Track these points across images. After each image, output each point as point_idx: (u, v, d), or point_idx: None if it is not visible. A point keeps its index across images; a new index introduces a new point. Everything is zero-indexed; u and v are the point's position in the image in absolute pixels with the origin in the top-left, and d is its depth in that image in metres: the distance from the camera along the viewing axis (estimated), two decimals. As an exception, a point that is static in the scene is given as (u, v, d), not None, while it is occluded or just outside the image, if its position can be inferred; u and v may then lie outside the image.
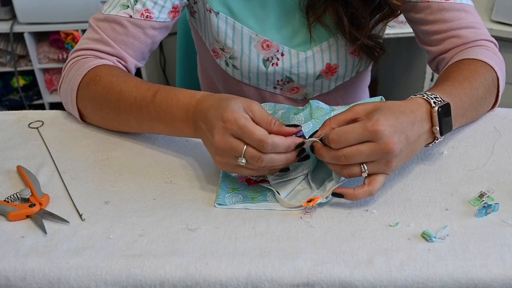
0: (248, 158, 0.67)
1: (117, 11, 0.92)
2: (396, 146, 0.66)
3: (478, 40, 0.94)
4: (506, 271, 0.59)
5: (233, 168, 0.71)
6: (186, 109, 0.76)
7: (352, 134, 0.66)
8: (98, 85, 0.86)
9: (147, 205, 0.71)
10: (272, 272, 0.59)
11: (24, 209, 0.69)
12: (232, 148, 0.67)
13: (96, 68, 0.88)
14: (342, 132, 0.67)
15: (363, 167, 0.68)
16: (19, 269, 0.61)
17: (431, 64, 1.02)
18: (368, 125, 0.66)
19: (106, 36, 0.92)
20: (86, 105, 0.89)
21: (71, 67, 0.92)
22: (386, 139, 0.66)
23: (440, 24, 0.95)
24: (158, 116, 0.79)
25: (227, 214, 0.69)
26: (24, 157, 0.83)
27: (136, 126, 0.85)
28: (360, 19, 0.93)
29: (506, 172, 0.75)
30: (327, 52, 1.01)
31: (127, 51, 0.93)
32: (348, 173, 0.69)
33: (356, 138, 0.66)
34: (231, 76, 1.07)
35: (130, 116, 0.83)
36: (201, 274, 0.60)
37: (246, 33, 0.99)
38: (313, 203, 0.68)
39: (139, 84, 0.83)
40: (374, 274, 0.59)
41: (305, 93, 1.09)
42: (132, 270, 0.60)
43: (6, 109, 2.44)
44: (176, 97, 0.77)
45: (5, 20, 2.23)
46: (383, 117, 0.67)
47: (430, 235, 0.63)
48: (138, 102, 0.81)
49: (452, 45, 0.95)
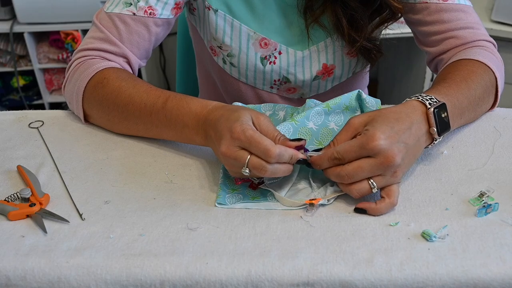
0: (252, 168, 0.67)
1: (120, 9, 0.91)
2: (396, 158, 0.66)
3: (476, 41, 0.94)
4: (506, 271, 0.59)
5: (241, 176, 0.71)
6: (197, 118, 0.76)
7: (350, 153, 0.67)
8: (106, 87, 0.86)
9: (147, 205, 0.71)
10: (272, 272, 0.60)
11: (24, 209, 0.69)
12: (236, 158, 0.68)
13: (104, 71, 0.88)
14: (342, 151, 0.68)
15: (371, 183, 0.68)
16: (19, 269, 0.61)
17: (430, 65, 1.03)
18: (364, 141, 0.67)
19: (111, 35, 0.91)
20: (92, 107, 0.89)
21: (77, 67, 0.91)
22: (385, 152, 0.66)
23: (438, 25, 0.95)
24: (169, 123, 0.80)
25: (227, 214, 0.69)
26: (24, 157, 0.83)
27: (144, 131, 0.85)
28: (359, 21, 0.93)
29: (506, 171, 0.76)
30: (323, 52, 1.01)
31: (132, 50, 0.93)
32: (358, 192, 0.69)
33: (355, 156, 0.67)
34: (228, 75, 1.07)
35: (139, 120, 0.83)
36: (201, 274, 0.60)
37: (244, 31, 0.99)
38: (315, 202, 0.68)
39: (149, 90, 0.83)
40: (374, 273, 0.59)
41: (301, 93, 1.09)
42: (132, 269, 0.61)
43: (6, 109, 2.43)
44: (188, 106, 0.78)
45: (5, 20, 2.23)
46: (378, 130, 0.67)
47: (430, 235, 0.63)
48: (148, 108, 0.81)
49: (451, 46, 0.95)
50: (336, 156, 0.68)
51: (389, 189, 0.69)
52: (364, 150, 0.67)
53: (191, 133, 0.78)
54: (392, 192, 0.68)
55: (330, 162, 0.69)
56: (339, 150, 0.68)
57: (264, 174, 0.67)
